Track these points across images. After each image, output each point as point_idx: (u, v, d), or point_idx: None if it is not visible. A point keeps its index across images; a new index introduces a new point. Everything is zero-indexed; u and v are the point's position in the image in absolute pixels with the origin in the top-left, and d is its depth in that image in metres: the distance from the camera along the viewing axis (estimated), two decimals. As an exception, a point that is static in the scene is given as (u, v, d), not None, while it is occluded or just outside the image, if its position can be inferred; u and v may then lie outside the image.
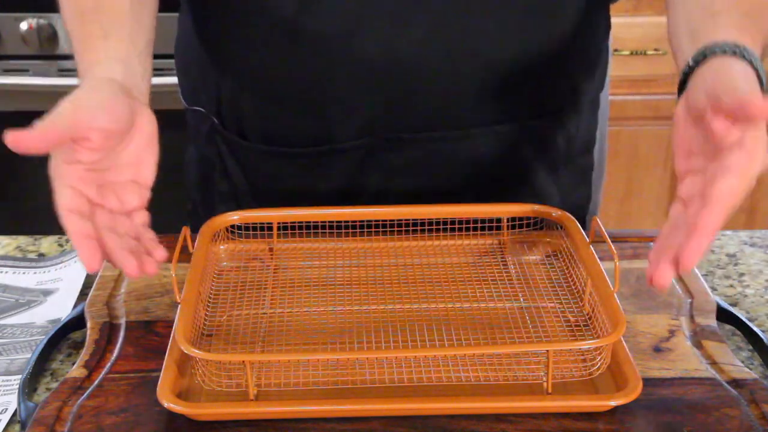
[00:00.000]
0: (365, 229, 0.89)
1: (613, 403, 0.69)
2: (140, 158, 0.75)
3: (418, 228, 0.90)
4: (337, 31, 0.88)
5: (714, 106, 0.66)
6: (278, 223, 0.89)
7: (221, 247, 0.88)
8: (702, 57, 0.72)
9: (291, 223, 0.89)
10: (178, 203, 1.11)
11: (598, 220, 0.82)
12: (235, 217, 0.88)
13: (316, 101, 0.92)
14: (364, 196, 0.97)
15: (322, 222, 0.89)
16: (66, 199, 0.69)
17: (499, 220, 0.90)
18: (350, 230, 0.89)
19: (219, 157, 1.02)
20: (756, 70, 0.70)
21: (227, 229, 0.88)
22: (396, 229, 0.90)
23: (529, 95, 0.95)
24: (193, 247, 0.83)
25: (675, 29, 0.82)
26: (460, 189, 0.97)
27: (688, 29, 0.79)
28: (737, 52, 0.71)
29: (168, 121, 1.05)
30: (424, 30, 0.88)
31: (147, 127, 0.76)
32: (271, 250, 0.89)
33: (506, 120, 0.95)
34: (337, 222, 0.89)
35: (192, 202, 1.10)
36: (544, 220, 0.90)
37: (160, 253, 0.72)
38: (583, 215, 1.07)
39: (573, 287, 0.83)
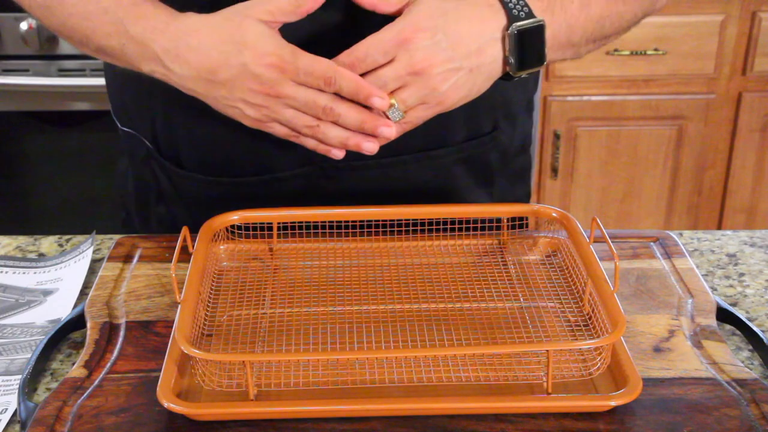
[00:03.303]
0: (365, 229, 0.89)
1: (613, 403, 0.69)
2: None
3: (418, 228, 0.90)
4: None
5: None
6: (278, 223, 0.89)
7: (221, 247, 0.88)
8: None
9: (291, 223, 0.89)
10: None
11: (598, 220, 0.82)
12: (235, 217, 0.88)
13: (251, 132, 0.89)
14: None
15: (322, 222, 0.89)
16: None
17: (499, 220, 0.90)
18: (350, 230, 0.89)
19: (156, 182, 1.00)
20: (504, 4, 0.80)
21: (227, 229, 0.88)
22: (396, 229, 0.90)
23: (465, 120, 0.95)
24: (193, 247, 0.83)
25: None
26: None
27: None
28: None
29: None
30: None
31: None
32: (271, 250, 0.89)
33: (441, 146, 0.95)
34: (337, 222, 0.89)
35: (126, 212, 1.08)
36: (544, 220, 0.90)
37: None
38: None
39: (573, 287, 0.83)
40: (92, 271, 0.91)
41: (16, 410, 0.72)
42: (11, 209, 1.99)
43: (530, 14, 0.81)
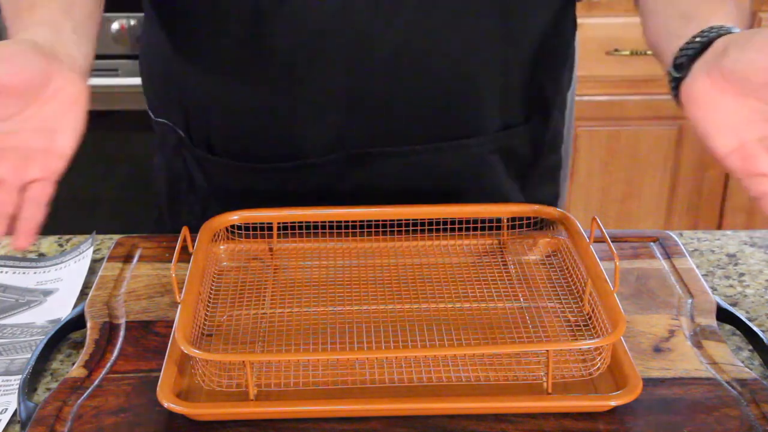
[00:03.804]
0: (365, 229, 0.89)
1: (613, 403, 0.69)
2: (57, 124, 0.70)
3: (418, 228, 0.90)
4: (300, 50, 0.88)
5: None
6: (278, 223, 0.89)
7: (221, 247, 0.88)
8: (706, 38, 0.72)
9: (291, 223, 0.89)
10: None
11: (598, 220, 0.82)
12: (235, 217, 0.88)
13: (284, 117, 0.91)
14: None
15: (322, 222, 0.89)
16: None
17: (499, 220, 0.90)
18: (350, 230, 0.89)
19: (186, 170, 1.01)
20: None
21: (227, 229, 0.88)
22: (396, 229, 0.90)
23: (498, 110, 0.95)
24: (193, 247, 0.83)
25: (656, 37, 0.82)
26: (428, 203, 0.96)
27: (667, 32, 0.79)
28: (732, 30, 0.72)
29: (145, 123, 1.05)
30: (391, 50, 0.88)
31: (68, 90, 0.70)
32: (271, 250, 0.89)
33: (474, 134, 0.95)
34: (337, 222, 0.89)
35: (158, 210, 1.09)
36: (544, 220, 0.90)
37: (24, 239, 0.66)
38: None
39: (573, 287, 0.83)
40: (92, 271, 0.91)
41: (16, 410, 0.72)
42: (11, 209, 1.99)
43: None
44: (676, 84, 0.74)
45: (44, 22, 0.74)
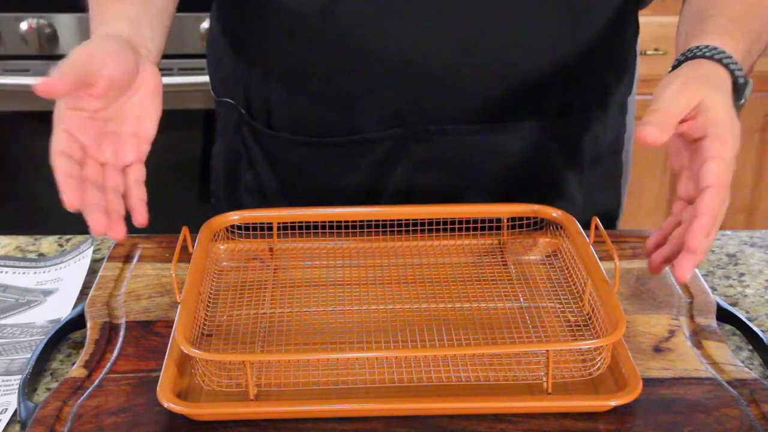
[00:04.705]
0: (365, 229, 0.90)
1: (613, 403, 0.69)
2: (143, 111, 0.77)
3: (418, 228, 0.90)
4: (364, 23, 0.89)
5: None
6: (278, 223, 0.89)
7: (221, 246, 0.88)
8: (683, 59, 0.78)
9: (291, 223, 0.89)
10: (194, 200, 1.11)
11: (597, 220, 0.82)
12: (235, 217, 0.88)
13: (344, 92, 0.93)
14: (388, 191, 0.98)
15: (322, 222, 0.89)
16: (60, 141, 0.71)
17: (499, 220, 0.90)
18: (350, 230, 0.89)
19: (245, 148, 1.02)
20: (731, 71, 0.77)
21: (227, 229, 0.88)
22: (396, 229, 0.90)
23: (557, 94, 0.95)
24: (192, 247, 0.83)
25: (678, 33, 0.87)
26: (484, 186, 0.98)
27: (684, 32, 0.84)
28: (713, 56, 0.77)
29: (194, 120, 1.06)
30: (453, 26, 0.89)
31: (151, 81, 0.78)
32: (271, 250, 0.89)
33: (532, 117, 0.95)
34: (337, 222, 0.89)
35: (216, 196, 1.11)
36: (544, 220, 0.90)
37: (141, 216, 0.74)
38: (612, 219, 1.08)
39: (573, 287, 0.83)
40: (92, 271, 0.91)
41: (16, 410, 0.72)
42: (11, 209, 1.99)
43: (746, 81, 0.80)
44: None
45: (125, 16, 0.81)
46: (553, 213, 0.89)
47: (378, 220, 0.89)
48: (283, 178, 1.01)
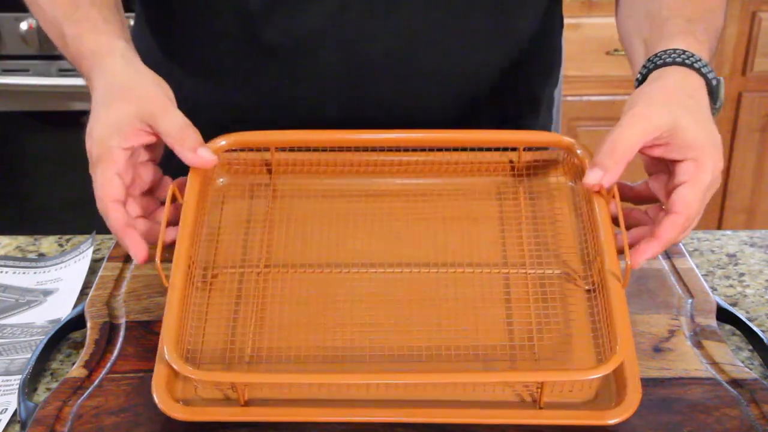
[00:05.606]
0: (370, 155, 0.86)
1: (611, 421, 0.67)
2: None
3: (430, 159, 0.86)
4: (300, 43, 0.89)
5: None
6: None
7: (220, 180, 0.86)
8: (653, 66, 0.76)
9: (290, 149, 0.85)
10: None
11: (616, 190, 0.78)
12: (222, 142, 0.83)
13: (280, 108, 0.91)
14: None
15: (323, 147, 0.84)
16: (115, 188, 0.72)
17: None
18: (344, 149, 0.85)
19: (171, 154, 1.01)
20: (704, 75, 0.75)
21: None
22: (405, 160, 0.85)
23: (490, 104, 0.96)
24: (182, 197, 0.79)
25: (628, 38, 0.84)
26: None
27: (639, 39, 0.81)
28: (684, 60, 0.75)
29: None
30: (386, 46, 0.89)
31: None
32: (272, 186, 0.86)
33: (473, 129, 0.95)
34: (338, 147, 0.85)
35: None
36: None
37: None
38: None
39: (584, 251, 0.80)
40: (92, 271, 0.91)
41: (16, 410, 0.72)
42: (11, 209, 1.99)
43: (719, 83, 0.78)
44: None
45: (126, 38, 0.82)
46: (564, 142, 0.85)
47: (383, 148, 0.85)
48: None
